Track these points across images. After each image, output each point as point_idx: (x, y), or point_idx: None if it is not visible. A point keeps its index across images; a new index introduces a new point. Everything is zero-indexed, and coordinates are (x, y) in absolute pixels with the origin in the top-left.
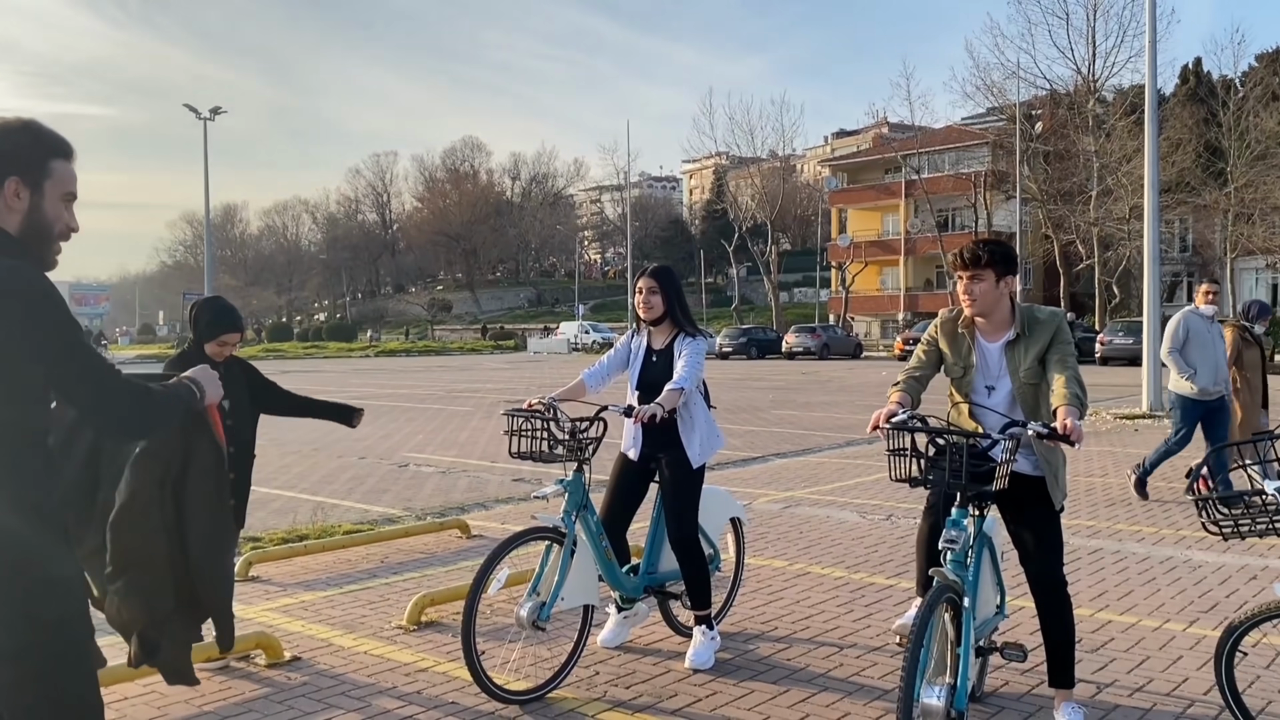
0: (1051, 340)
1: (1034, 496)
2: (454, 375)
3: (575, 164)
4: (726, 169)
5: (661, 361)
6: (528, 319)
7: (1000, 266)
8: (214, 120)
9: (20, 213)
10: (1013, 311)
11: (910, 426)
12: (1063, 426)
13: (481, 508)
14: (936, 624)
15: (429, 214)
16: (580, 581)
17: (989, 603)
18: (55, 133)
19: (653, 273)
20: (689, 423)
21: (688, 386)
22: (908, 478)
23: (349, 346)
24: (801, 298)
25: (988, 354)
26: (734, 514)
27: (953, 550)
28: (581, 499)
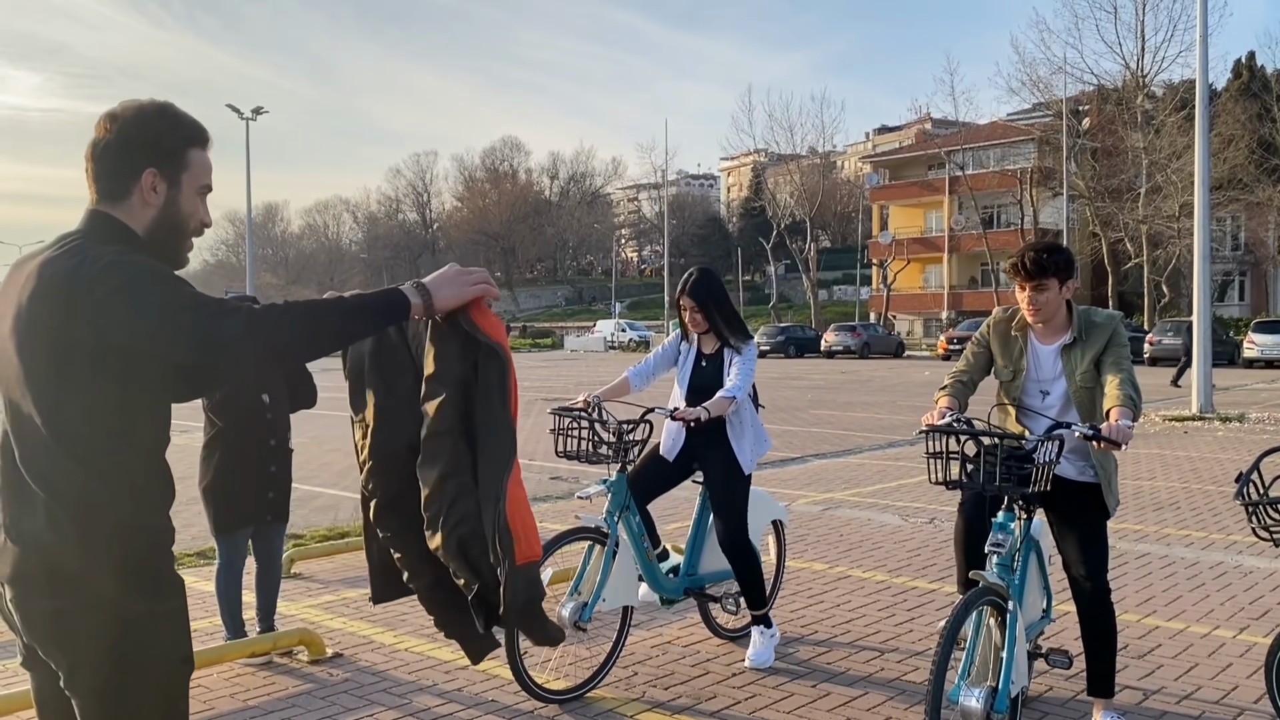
0: (1108, 343)
1: (1081, 502)
2: None
3: (613, 163)
4: (765, 166)
5: (711, 367)
6: (565, 317)
7: (1063, 273)
8: (255, 120)
9: (155, 207)
10: (1070, 314)
11: (951, 428)
12: (1109, 428)
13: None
14: (981, 627)
15: (469, 213)
16: (621, 582)
17: (1035, 606)
18: (193, 118)
19: (691, 291)
20: (739, 428)
21: (739, 396)
22: (946, 480)
23: None
24: (841, 295)
25: (1041, 356)
26: (775, 516)
27: (999, 553)
28: (624, 500)
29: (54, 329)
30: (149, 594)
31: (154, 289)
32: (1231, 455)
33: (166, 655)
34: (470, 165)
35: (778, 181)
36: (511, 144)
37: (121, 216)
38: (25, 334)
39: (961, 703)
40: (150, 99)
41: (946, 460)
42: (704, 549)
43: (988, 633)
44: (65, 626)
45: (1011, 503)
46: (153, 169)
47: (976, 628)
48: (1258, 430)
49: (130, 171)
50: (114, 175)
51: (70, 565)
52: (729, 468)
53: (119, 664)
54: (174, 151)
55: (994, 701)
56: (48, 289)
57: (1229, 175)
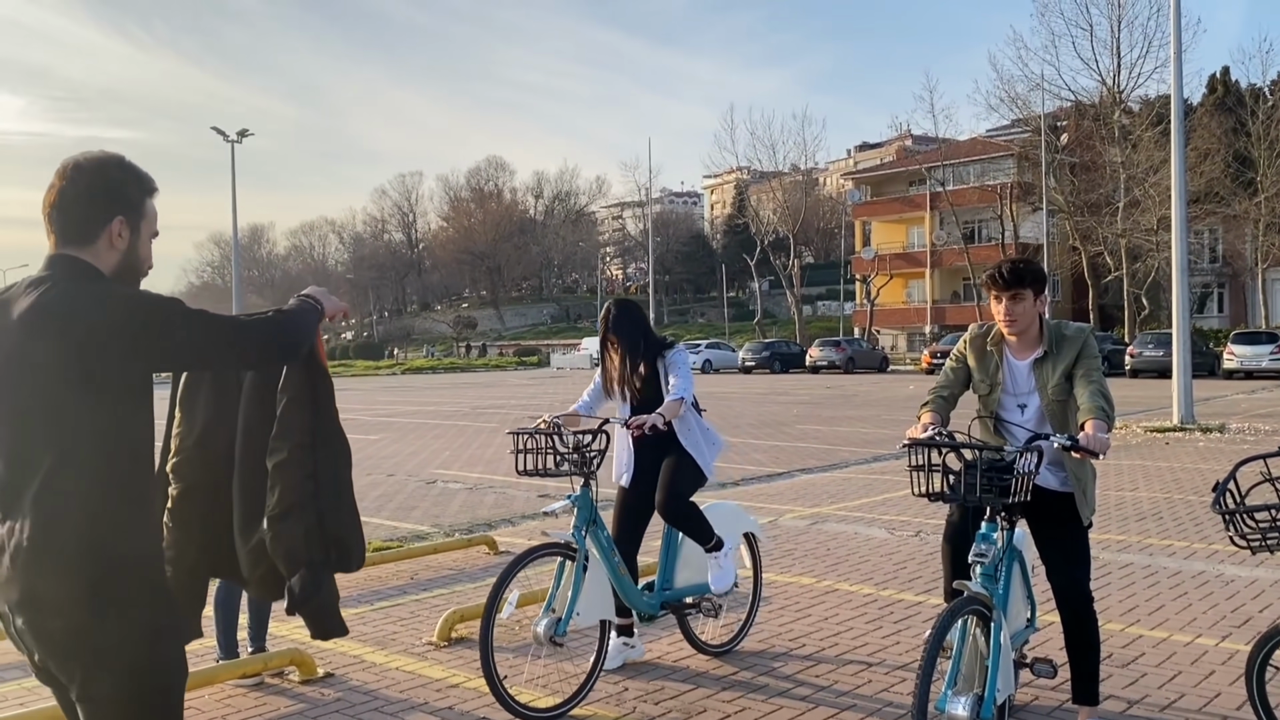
0: (1078, 355)
1: (1062, 511)
2: (479, 392)
3: (597, 181)
4: (748, 183)
5: (648, 387)
6: (551, 335)
7: (1037, 285)
8: (241, 143)
9: (120, 252)
10: (1041, 329)
11: (933, 441)
12: (1086, 438)
13: (508, 524)
14: (967, 636)
15: (454, 233)
16: (595, 596)
17: (1019, 616)
18: (143, 171)
19: (614, 328)
20: (691, 432)
21: (687, 396)
22: (928, 492)
23: (376, 365)
24: (825, 311)
25: (1016, 371)
26: (748, 529)
27: (982, 564)
28: (590, 514)
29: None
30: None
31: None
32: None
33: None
34: (455, 185)
35: (761, 198)
36: (496, 164)
37: (88, 259)
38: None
39: (948, 711)
40: (104, 151)
41: (929, 473)
42: (677, 562)
43: (973, 642)
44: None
45: (994, 514)
46: (120, 217)
47: (962, 637)
48: (1238, 440)
49: (99, 218)
50: (83, 221)
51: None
52: (683, 463)
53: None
54: (136, 201)
55: (980, 709)
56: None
57: (1206, 189)
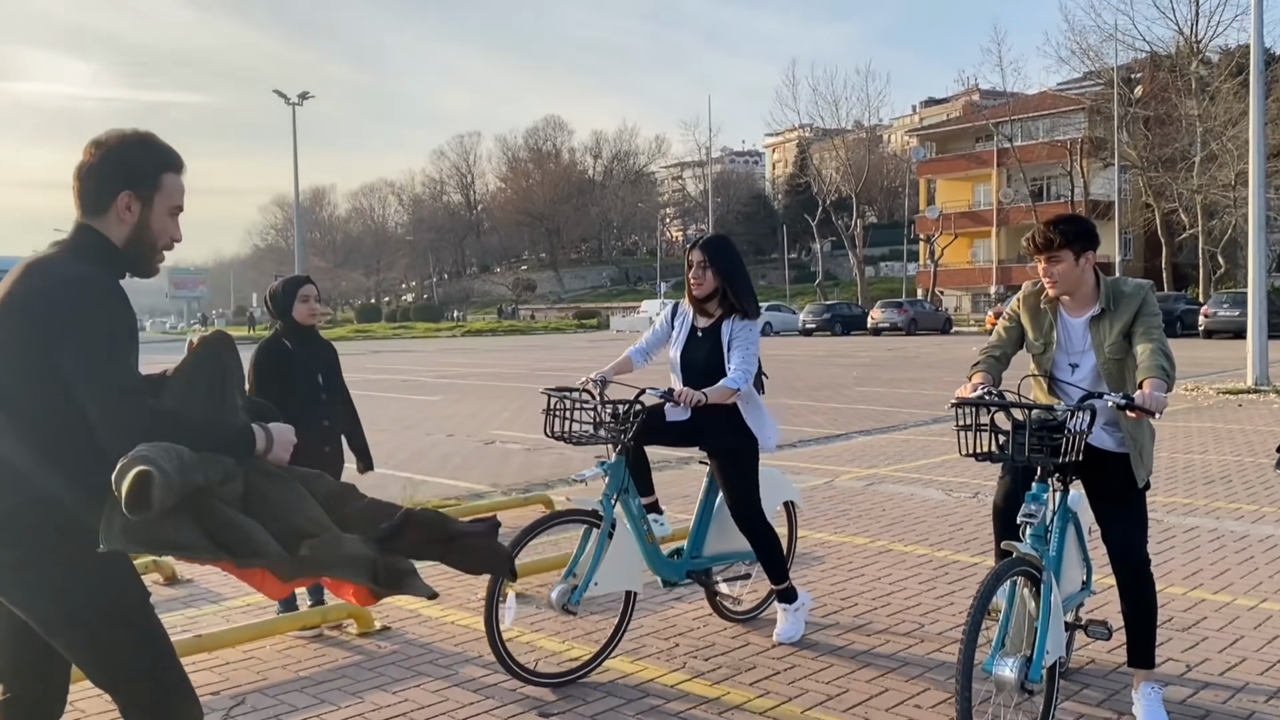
0: (1137, 313)
1: (1118, 473)
2: (538, 354)
3: (657, 141)
4: (810, 141)
5: (707, 340)
6: (610, 297)
7: (1077, 244)
8: (301, 105)
9: (129, 225)
10: (1097, 285)
11: (981, 400)
12: (1142, 397)
13: (565, 484)
14: (1015, 597)
15: (512, 194)
16: (618, 566)
17: (1073, 579)
18: (167, 146)
19: (704, 244)
20: (756, 410)
21: (743, 388)
22: (975, 452)
23: (436, 326)
24: (888, 272)
25: (1071, 329)
26: (788, 497)
27: (1031, 524)
28: (622, 482)
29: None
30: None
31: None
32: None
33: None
34: (513, 145)
35: (823, 157)
36: (554, 123)
37: (100, 228)
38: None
39: (995, 673)
40: (133, 129)
41: (976, 432)
42: (709, 532)
43: (1022, 603)
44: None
45: (1045, 474)
46: (128, 191)
47: (1010, 599)
48: None
49: (109, 191)
50: (95, 194)
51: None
52: (742, 449)
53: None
54: (148, 176)
55: (1028, 671)
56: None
57: None
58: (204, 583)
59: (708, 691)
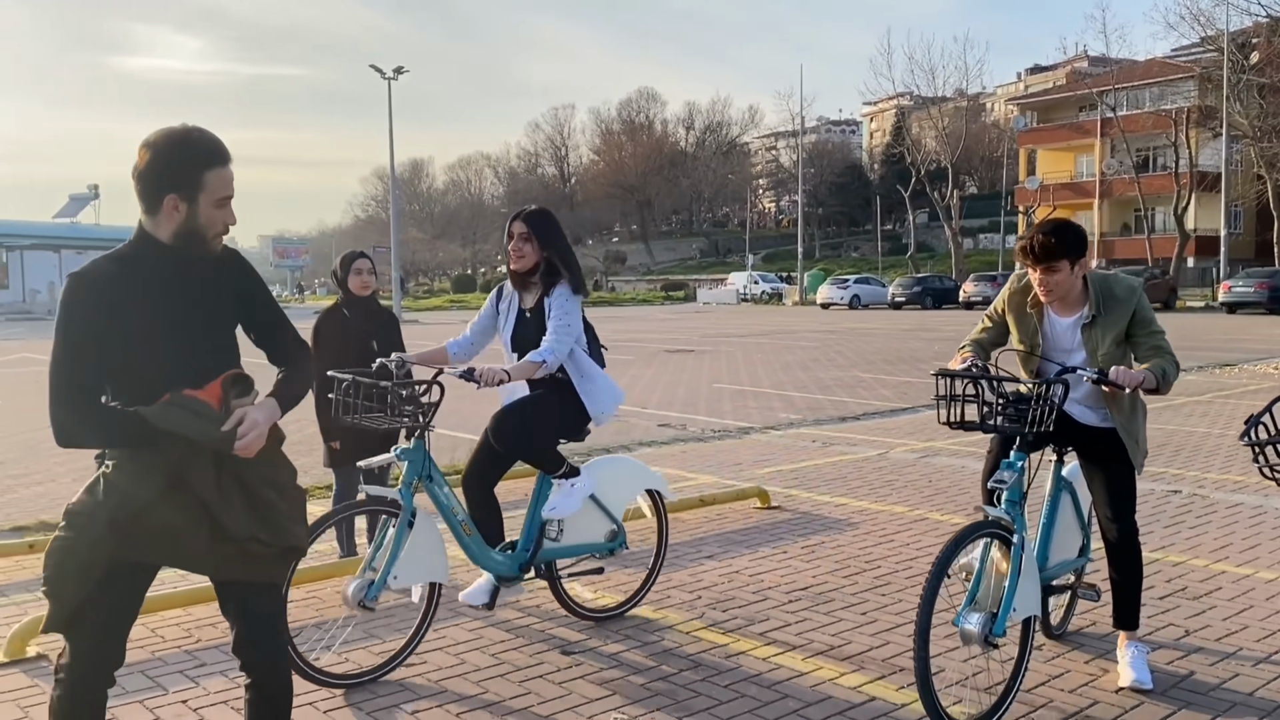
0: (1132, 320)
1: (1104, 448)
2: (622, 325)
3: (750, 111)
4: (910, 110)
5: (536, 318)
6: (699, 270)
7: (1074, 253)
8: (397, 80)
9: (178, 221)
10: (1086, 287)
11: (960, 372)
12: (1116, 372)
13: (625, 449)
14: (988, 558)
15: (605, 166)
16: (419, 558)
17: (1067, 546)
18: (210, 143)
19: (526, 216)
20: (588, 381)
21: (550, 360)
22: (950, 421)
23: None
24: (987, 244)
25: (1058, 328)
26: (650, 485)
27: (1001, 489)
28: (423, 468)
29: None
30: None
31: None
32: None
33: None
34: (607, 118)
35: (922, 126)
36: (648, 95)
37: (150, 228)
38: None
39: (961, 626)
40: (182, 125)
41: (951, 403)
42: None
43: (993, 564)
44: None
45: (1022, 444)
46: (174, 194)
47: (982, 559)
48: None
49: (157, 195)
50: (146, 196)
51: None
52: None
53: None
54: (190, 178)
55: (992, 626)
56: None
57: None
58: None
59: (719, 638)
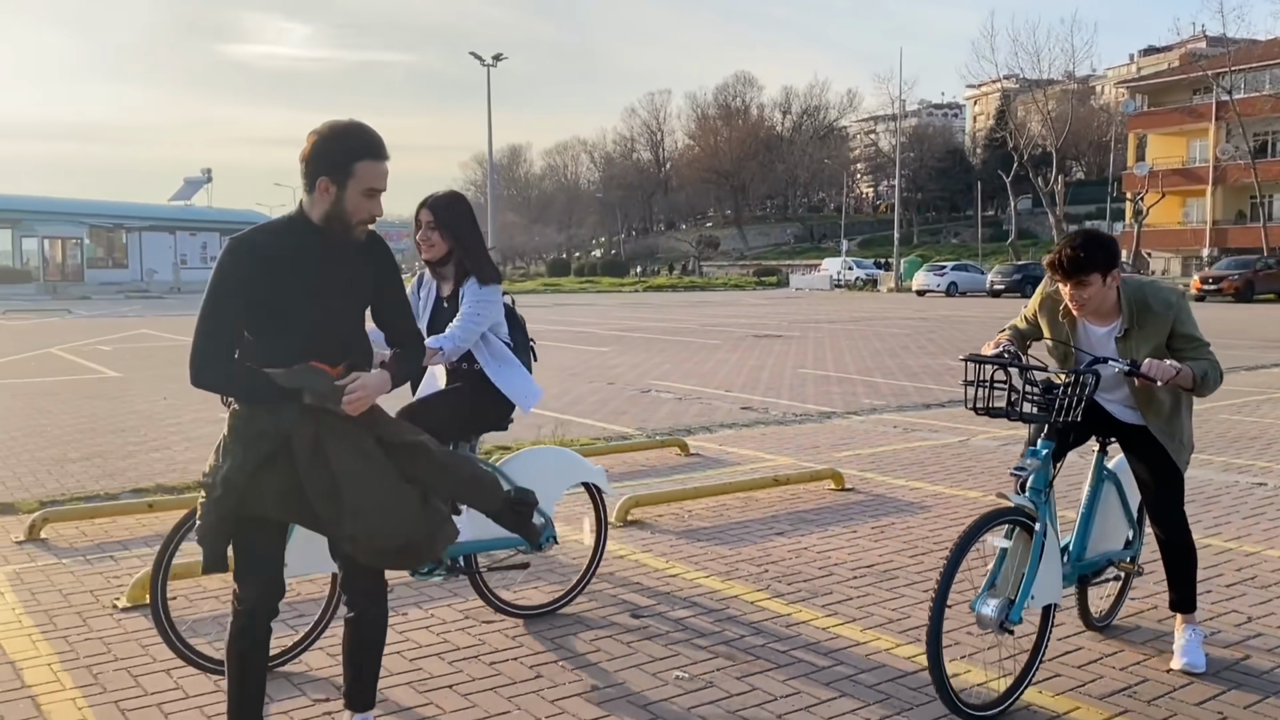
0: (1172, 335)
1: (1141, 444)
2: (712, 310)
3: (848, 95)
4: (1014, 93)
5: (452, 308)
6: (793, 255)
7: (1104, 266)
8: (496, 66)
9: (328, 203)
10: (1119, 299)
11: (988, 358)
12: (1149, 365)
13: (706, 430)
14: (1014, 543)
15: (700, 151)
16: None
17: (1110, 537)
18: (366, 136)
19: (432, 204)
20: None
21: (448, 348)
22: (976, 407)
23: (620, 282)
24: None
25: (1093, 337)
26: (587, 479)
27: (1020, 476)
28: None
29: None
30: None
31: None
32: None
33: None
34: (703, 102)
35: (1028, 110)
36: (744, 79)
37: (306, 206)
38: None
39: (978, 611)
40: (349, 119)
41: (979, 388)
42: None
43: (1015, 550)
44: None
45: (1050, 432)
46: (325, 176)
47: (1008, 544)
48: None
49: (313, 176)
50: (306, 176)
51: None
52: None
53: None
54: (343, 164)
55: (1009, 613)
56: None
57: None
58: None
59: (782, 608)
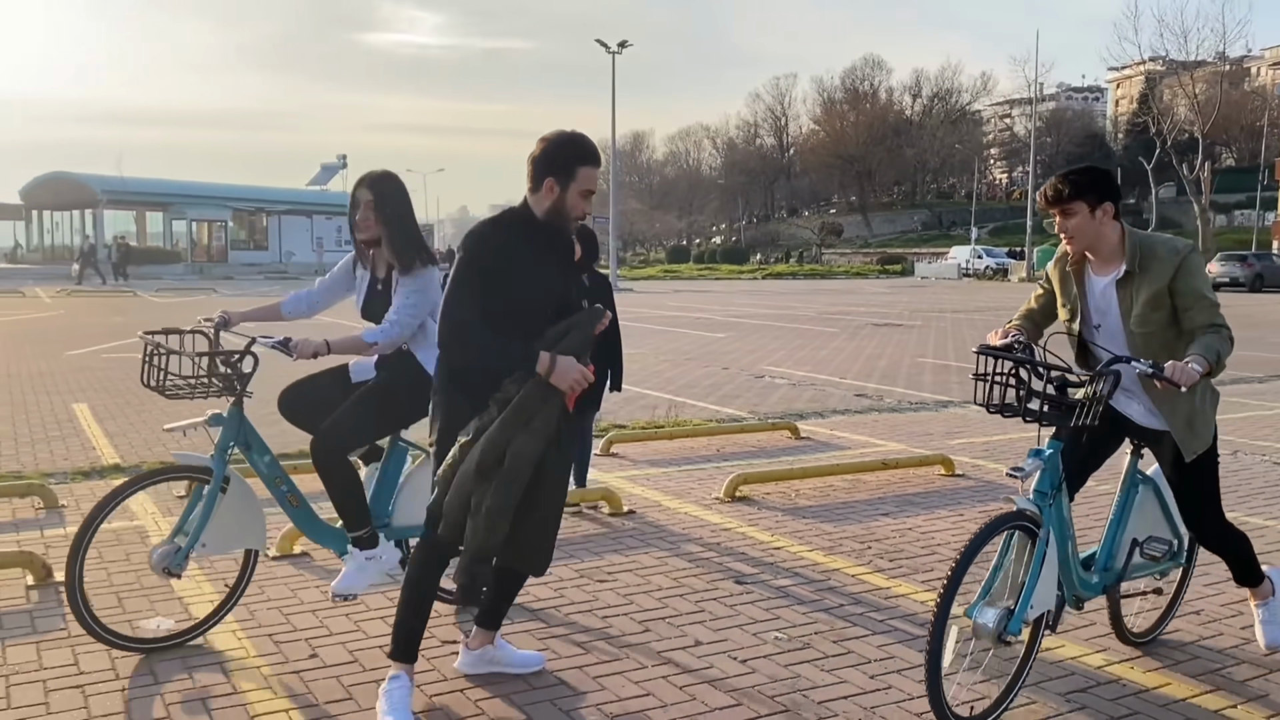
0: (1180, 288)
1: (1163, 448)
2: (831, 298)
3: (982, 78)
4: (1160, 76)
5: (387, 292)
6: (920, 243)
7: (1090, 195)
8: (620, 53)
9: (551, 201)
10: (1122, 241)
11: (1005, 354)
12: (1172, 366)
13: (818, 415)
14: (1010, 550)
15: (825, 136)
16: (230, 525)
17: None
18: (587, 145)
19: (370, 183)
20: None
21: (382, 342)
22: (988, 404)
23: (739, 269)
24: (1243, 221)
25: (1096, 288)
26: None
27: (1018, 476)
28: (237, 435)
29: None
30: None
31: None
32: None
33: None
34: (829, 86)
35: (1175, 93)
36: (873, 62)
37: (531, 202)
38: None
39: (975, 619)
40: (571, 131)
41: (991, 384)
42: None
43: (1015, 557)
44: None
45: (1059, 433)
46: (551, 178)
47: (1004, 551)
48: None
49: (540, 176)
50: (533, 177)
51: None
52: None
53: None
54: (566, 167)
55: (1008, 623)
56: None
57: None
58: None
59: (882, 582)
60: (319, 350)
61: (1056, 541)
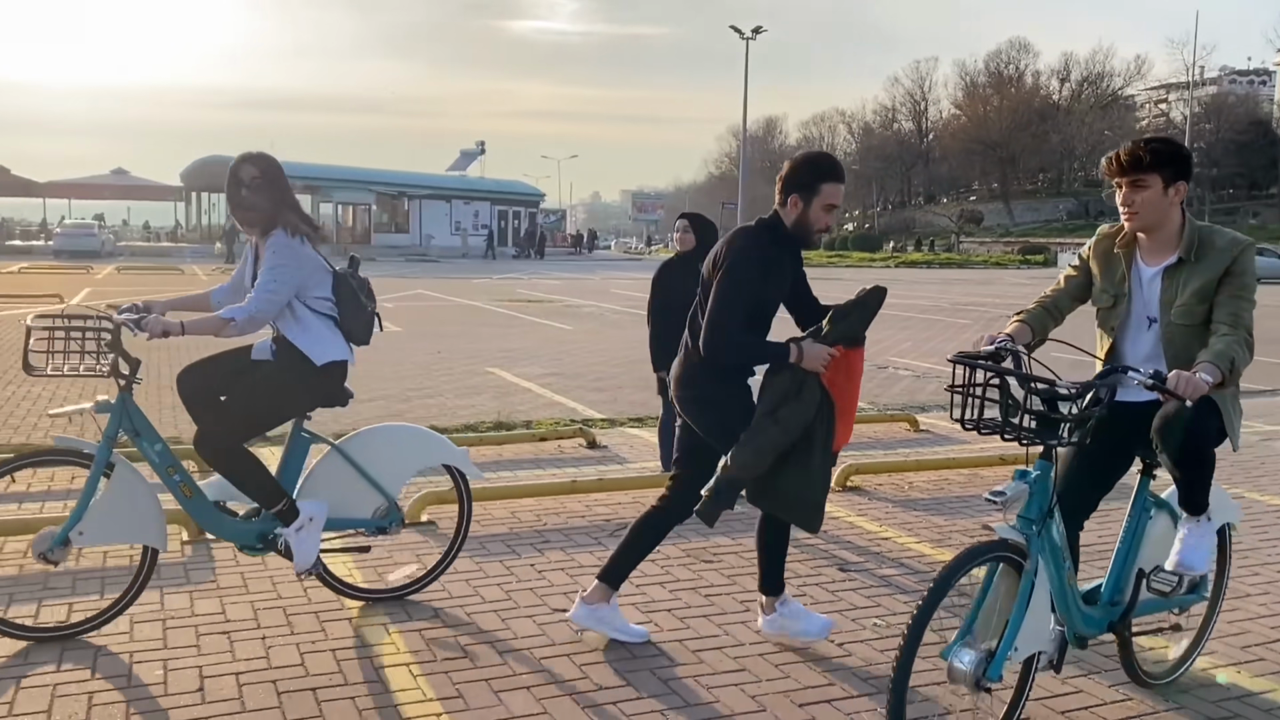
0: (1224, 276)
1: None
2: (966, 289)
3: (1136, 61)
4: None
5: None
6: (1064, 233)
7: (1169, 169)
8: (755, 39)
9: (795, 215)
10: (1182, 228)
11: (975, 362)
12: (1177, 377)
13: (940, 409)
14: (991, 585)
15: (966, 121)
16: (113, 515)
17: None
18: (830, 163)
19: (252, 159)
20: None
21: (240, 319)
22: (964, 419)
23: (871, 256)
24: None
25: (1143, 278)
26: (448, 461)
27: (996, 502)
28: (124, 422)
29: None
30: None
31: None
32: None
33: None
34: (973, 70)
35: None
36: (1019, 45)
37: (781, 214)
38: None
39: (950, 662)
40: (816, 153)
41: (967, 396)
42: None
43: (996, 591)
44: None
45: (1046, 452)
46: (795, 194)
47: (986, 585)
48: None
49: (787, 193)
50: (781, 193)
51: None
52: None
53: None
54: (809, 185)
55: (987, 668)
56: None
57: None
58: (615, 450)
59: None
60: (170, 329)
61: (1049, 574)
